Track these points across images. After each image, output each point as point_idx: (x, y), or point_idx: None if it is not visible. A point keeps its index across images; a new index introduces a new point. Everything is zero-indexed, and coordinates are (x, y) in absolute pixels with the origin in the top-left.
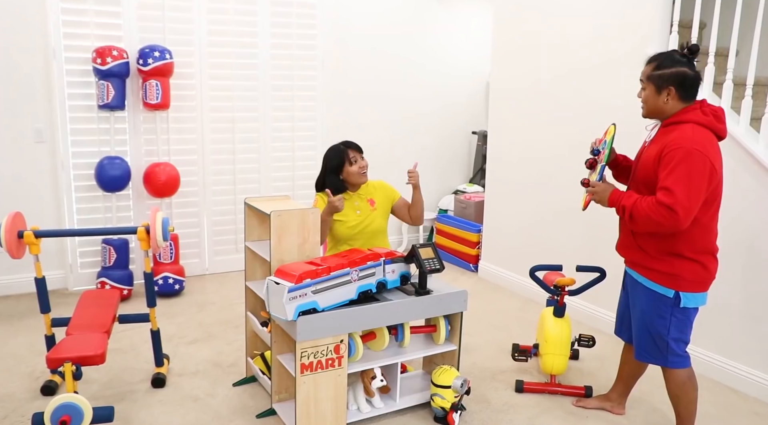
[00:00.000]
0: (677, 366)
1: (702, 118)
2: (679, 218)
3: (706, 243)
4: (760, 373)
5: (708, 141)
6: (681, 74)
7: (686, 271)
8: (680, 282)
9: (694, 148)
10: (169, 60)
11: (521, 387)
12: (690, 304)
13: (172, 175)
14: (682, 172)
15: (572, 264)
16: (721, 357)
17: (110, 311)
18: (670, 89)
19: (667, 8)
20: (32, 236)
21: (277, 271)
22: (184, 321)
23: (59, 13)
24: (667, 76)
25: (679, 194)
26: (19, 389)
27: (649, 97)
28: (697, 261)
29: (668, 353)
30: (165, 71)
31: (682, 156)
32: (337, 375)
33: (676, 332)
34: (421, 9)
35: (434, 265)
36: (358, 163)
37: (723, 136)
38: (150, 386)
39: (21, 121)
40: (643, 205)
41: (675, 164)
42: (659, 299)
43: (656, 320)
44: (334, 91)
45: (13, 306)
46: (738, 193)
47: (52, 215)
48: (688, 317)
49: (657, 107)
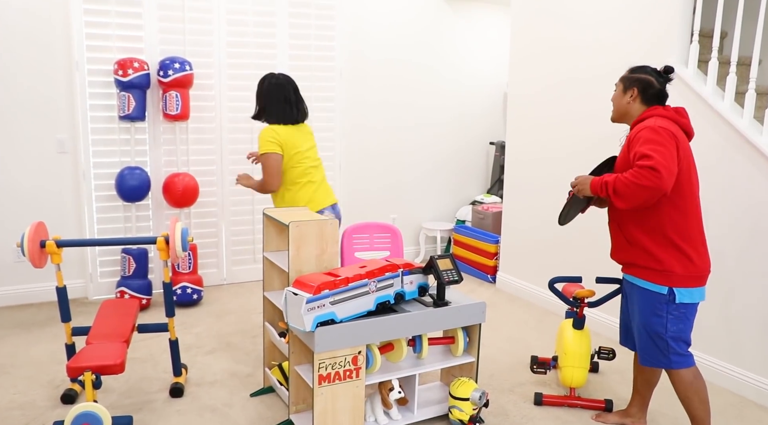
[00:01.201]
0: (681, 365)
1: (663, 112)
2: (662, 176)
3: (693, 232)
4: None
5: (670, 125)
6: (646, 80)
7: (677, 266)
8: (672, 277)
9: (656, 125)
10: (189, 71)
11: (540, 399)
12: (686, 300)
13: (191, 185)
14: (653, 141)
15: (592, 276)
16: (742, 369)
17: (129, 320)
18: (634, 90)
19: (687, 17)
20: (54, 245)
21: (296, 282)
22: (203, 331)
23: (82, 26)
24: (634, 78)
25: (657, 156)
26: (40, 397)
27: (617, 97)
28: (685, 254)
29: (669, 353)
30: (185, 83)
31: (648, 132)
32: (355, 386)
33: (674, 329)
34: (437, 20)
35: (452, 276)
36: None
37: (689, 131)
38: (168, 396)
39: (44, 132)
40: (625, 175)
41: (644, 140)
42: (654, 297)
43: (653, 319)
44: (352, 100)
45: (35, 314)
46: (762, 205)
47: (73, 225)
48: (685, 314)
49: (621, 107)
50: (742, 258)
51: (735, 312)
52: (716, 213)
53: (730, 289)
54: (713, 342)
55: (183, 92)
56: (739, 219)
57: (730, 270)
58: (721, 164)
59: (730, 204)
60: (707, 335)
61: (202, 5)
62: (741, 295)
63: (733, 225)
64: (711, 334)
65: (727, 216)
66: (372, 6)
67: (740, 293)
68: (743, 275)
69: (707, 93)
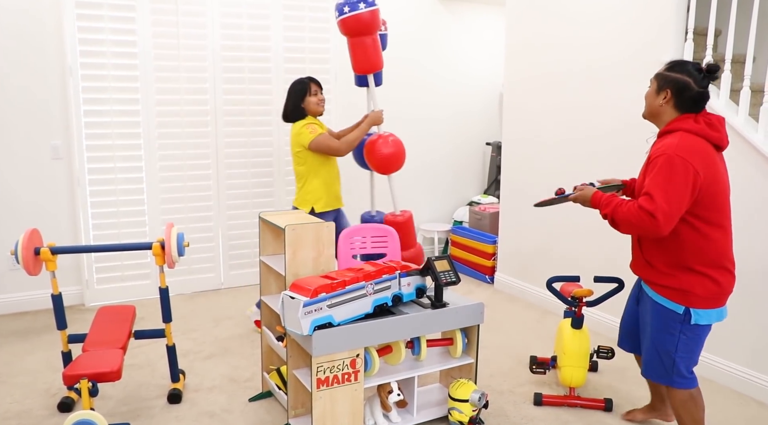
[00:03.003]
0: (681, 386)
1: (693, 126)
2: (659, 223)
3: (715, 256)
4: None
5: (694, 148)
6: (683, 82)
7: (697, 287)
8: (690, 298)
9: (675, 154)
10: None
11: (540, 400)
12: (702, 321)
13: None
14: (663, 178)
15: (590, 275)
16: (747, 368)
17: (126, 327)
18: (668, 92)
19: (681, 15)
20: (49, 253)
21: (292, 286)
22: (200, 336)
23: (75, 32)
24: (670, 78)
25: (659, 200)
26: (37, 405)
27: (650, 95)
28: (707, 276)
29: (674, 372)
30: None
31: (663, 162)
32: (354, 389)
33: (684, 350)
34: (432, 21)
35: (450, 278)
36: (318, 95)
37: (721, 144)
38: (166, 402)
39: (38, 138)
40: (623, 209)
41: (657, 170)
42: (668, 315)
43: (665, 336)
44: (347, 102)
45: (31, 322)
46: (758, 201)
47: (68, 231)
48: (699, 335)
49: (653, 108)
50: (738, 257)
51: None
52: None
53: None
54: (738, 348)
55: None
56: (734, 216)
57: None
58: None
59: None
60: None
61: (196, 9)
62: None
63: None
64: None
65: None
66: None
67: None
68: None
69: None
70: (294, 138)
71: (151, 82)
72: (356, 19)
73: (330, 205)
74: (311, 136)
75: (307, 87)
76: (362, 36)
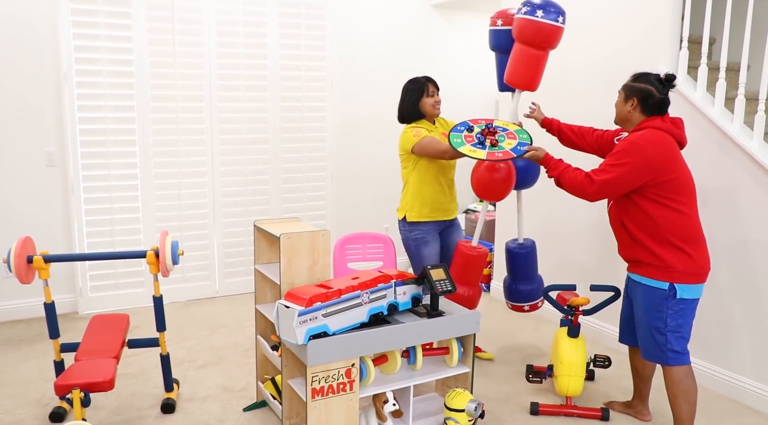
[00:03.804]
0: (676, 362)
1: (660, 124)
2: (591, 191)
3: (689, 230)
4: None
5: (658, 140)
6: (646, 91)
7: (677, 262)
8: (673, 273)
9: (636, 140)
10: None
11: (536, 409)
12: (686, 295)
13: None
14: (616, 157)
15: (586, 284)
16: (740, 375)
17: (119, 336)
18: (634, 100)
19: (676, 23)
20: (42, 261)
21: (287, 295)
22: (195, 344)
23: (71, 38)
24: (635, 88)
25: (604, 174)
26: (28, 416)
27: (619, 103)
28: (684, 251)
29: (667, 348)
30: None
31: (623, 144)
32: (349, 399)
33: (673, 324)
34: (428, 28)
35: (446, 286)
36: (434, 97)
37: (682, 141)
38: (160, 412)
39: (32, 145)
40: (570, 174)
41: (616, 150)
42: (655, 293)
43: (654, 313)
44: (343, 108)
45: (24, 330)
46: (754, 209)
47: (62, 239)
48: (684, 309)
49: (623, 114)
50: (733, 261)
51: (731, 319)
52: (707, 217)
53: (725, 294)
54: (711, 348)
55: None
56: (730, 223)
57: (722, 274)
58: (711, 169)
59: (721, 208)
60: (706, 342)
61: (192, 16)
62: (735, 301)
63: (724, 230)
64: (709, 341)
65: (718, 221)
66: (362, 14)
67: (735, 298)
68: (733, 280)
69: (697, 99)
70: (399, 140)
71: (147, 89)
72: (543, 28)
73: (427, 215)
74: (415, 139)
75: (424, 87)
76: (535, 47)
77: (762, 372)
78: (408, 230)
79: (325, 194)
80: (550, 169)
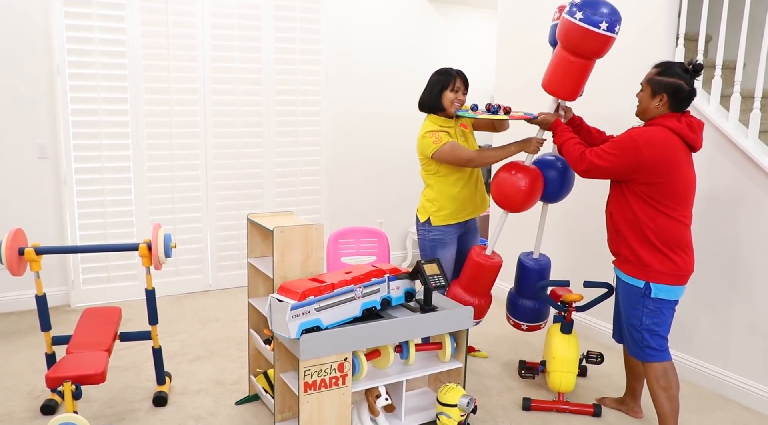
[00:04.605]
0: (654, 359)
1: (675, 125)
2: (582, 166)
3: (673, 235)
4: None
5: (662, 140)
6: (677, 85)
7: (654, 262)
8: (649, 272)
9: (635, 136)
10: None
11: (529, 405)
12: (661, 295)
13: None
14: (614, 146)
15: (579, 280)
16: (731, 372)
17: (111, 329)
18: (663, 96)
19: (672, 21)
20: (33, 253)
21: (280, 288)
22: (187, 338)
23: (64, 30)
24: (664, 83)
25: (599, 157)
26: (19, 408)
27: (644, 99)
28: (665, 255)
29: (644, 345)
30: None
31: (624, 136)
32: (341, 393)
33: (648, 323)
34: (424, 24)
35: (439, 281)
36: (458, 94)
37: (695, 145)
38: (151, 405)
39: (24, 137)
40: (571, 145)
41: (618, 137)
42: (632, 290)
43: (630, 311)
44: (338, 104)
45: (15, 322)
46: (750, 208)
47: (54, 231)
48: (660, 309)
49: (648, 109)
50: (726, 259)
51: (722, 316)
52: (701, 214)
53: (717, 292)
54: (701, 345)
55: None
56: (724, 221)
57: (716, 272)
58: (706, 166)
59: (715, 206)
60: (695, 338)
61: (186, 9)
62: (727, 298)
63: (718, 227)
64: (699, 338)
65: (712, 217)
66: (357, 9)
67: (726, 296)
68: (728, 277)
69: None
70: (417, 143)
71: (140, 82)
72: (597, 37)
73: (454, 218)
74: (434, 146)
75: (452, 80)
76: (583, 57)
77: (750, 369)
78: (426, 230)
79: (319, 188)
80: (556, 136)
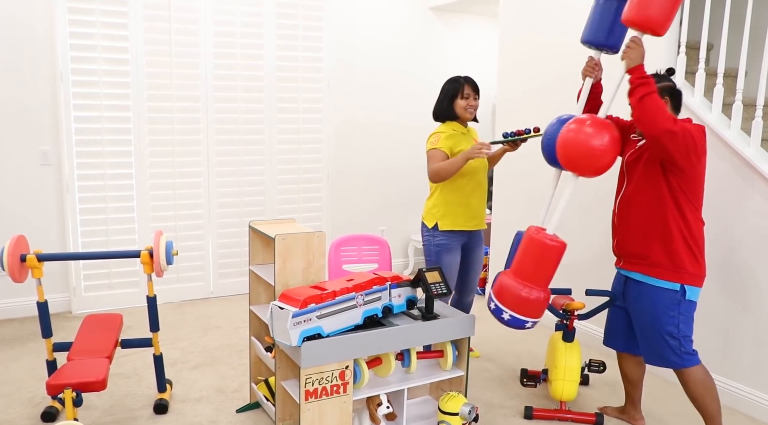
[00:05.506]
0: (692, 363)
1: (690, 124)
2: (676, 127)
3: (701, 234)
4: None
5: (696, 127)
6: (671, 87)
7: (687, 263)
8: (683, 275)
9: (697, 127)
10: None
11: (530, 413)
12: (693, 297)
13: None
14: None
15: (581, 288)
16: (737, 382)
17: (113, 336)
18: (666, 100)
19: (673, 29)
20: (35, 260)
21: (282, 296)
22: (188, 345)
23: (67, 38)
24: (661, 88)
25: (677, 124)
26: (19, 415)
27: None
28: (694, 254)
29: (682, 352)
30: None
31: (690, 126)
32: (342, 402)
33: (685, 328)
34: (426, 32)
35: (441, 289)
36: (468, 100)
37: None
38: (152, 412)
39: (27, 144)
40: (660, 101)
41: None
42: (664, 295)
43: (664, 318)
44: (340, 111)
45: (17, 329)
46: (751, 217)
47: (56, 238)
48: (690, 312)
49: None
50: (729, 268)
51: (728, 326)
52: None
53: (721, 301)
54: (708, 356)
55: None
56: (726, 229)
57: (718, 280)
58: (708, 175)
59: (717, 214)
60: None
61: (189, 16)
62: (732, 308)
63: (720, 236)
64: (706, 348)
65: (715, 226)
66: (359, 17)
67: (731, 305)
68: (733, 286)
69: (695, 104)
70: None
71: (143, 89)
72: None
73: (462, 224)
74: (429, 146)
75: (460, 87)
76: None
77: (756, 380)
78: (431, 235)
79: (320, 195)
80: (643, 84)
